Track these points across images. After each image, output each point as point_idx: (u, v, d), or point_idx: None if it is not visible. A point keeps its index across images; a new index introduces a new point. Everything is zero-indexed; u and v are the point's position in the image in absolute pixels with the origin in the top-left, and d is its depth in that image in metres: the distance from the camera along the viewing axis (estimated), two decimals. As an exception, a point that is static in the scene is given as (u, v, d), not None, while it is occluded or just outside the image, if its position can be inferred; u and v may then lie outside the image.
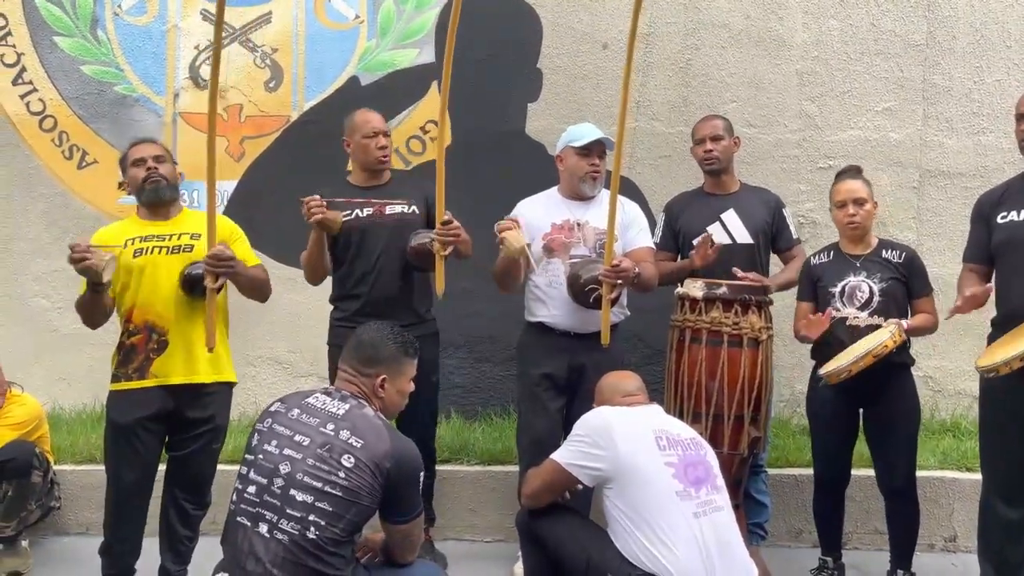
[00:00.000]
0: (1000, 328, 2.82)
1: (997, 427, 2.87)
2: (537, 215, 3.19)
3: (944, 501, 3.58)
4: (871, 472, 3.27)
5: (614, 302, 2.97)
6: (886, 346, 2.78)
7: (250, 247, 3.02)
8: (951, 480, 3.60)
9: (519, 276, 3.12)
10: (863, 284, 3.01)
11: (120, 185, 3.02)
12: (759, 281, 3.09)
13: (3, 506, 3.21)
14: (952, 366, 4.23)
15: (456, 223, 2.98)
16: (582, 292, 2.95)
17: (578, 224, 3.15)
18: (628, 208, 3.20)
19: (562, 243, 3.14)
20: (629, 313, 3.26)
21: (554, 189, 3.29)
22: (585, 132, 3.15)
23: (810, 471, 3.53)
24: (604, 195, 3.18)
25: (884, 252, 3.07)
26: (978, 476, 3.27)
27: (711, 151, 3.33)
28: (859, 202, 3.04)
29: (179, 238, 2.87)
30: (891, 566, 3.08)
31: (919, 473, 3.13)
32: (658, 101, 4.29)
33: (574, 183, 3.17)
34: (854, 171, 3.17)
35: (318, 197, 3.01)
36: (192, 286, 2.80)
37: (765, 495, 3.40)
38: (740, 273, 3.11)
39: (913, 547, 3.06)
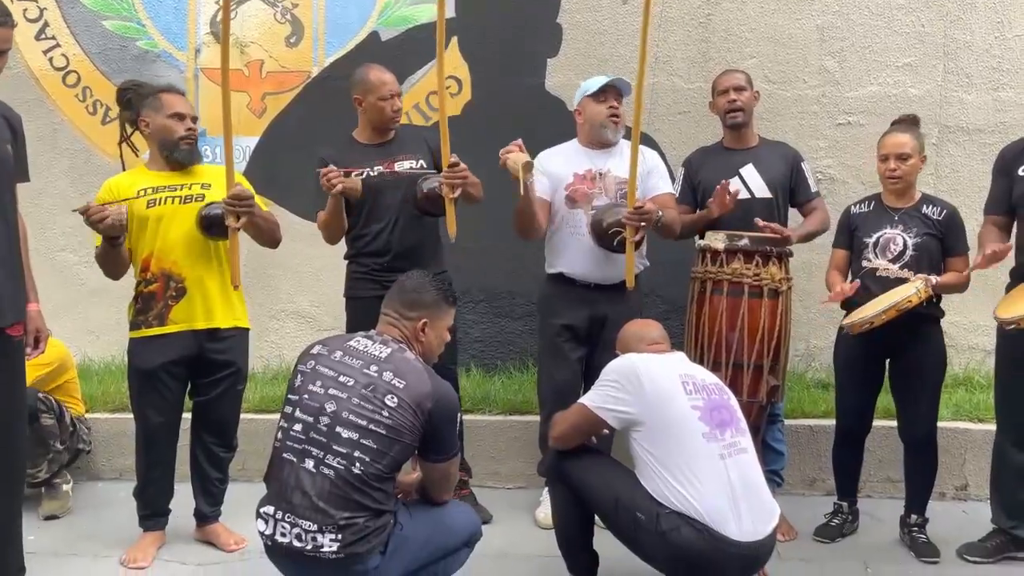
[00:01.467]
0: (1019, 279, 2.87)
1: (1014, 372, 2.94)
2: (558, 165, 3.23)
3: (956, 451, 3.65)
4: (887, 422, 3.35)
5: (637, 245, 3.02)
6: (910, 301, 2.82)
7: (259, 198, 3.06)
8: (963, 431, 3.68)
9: (536, 218, 3.13)
10: (898, 237, 3.04)
11: (129, 122, 2.98)
12: (780, 232, 3.12)
13: (23, 453, 3.28)
14: (966, 321, 4.28)
15: (463, 165, 3.00)
16: (606, 235, 3.01)
17: (600, 174, 3.19)
18: (648, 156, 3.25)
19: (584, 194, 3.18)
20: (649, 263, 3.31)
21: (574, 141, 3.33)
22: (598, 80, 3.21)
23: (825, 422, 3.63)
24: (623, 145, 3.23)
25: (924, 207, 3.08)
26: (989, 427, 3.35)
27: (735, 101, 3.34)
28: (902, 157, 3.03)
29: (190, 188, 2.94)
30: (905, 511, 3.17)
31: (932, 424, 3.20)
32: (677, 56, 4.28)
33: (595, 131, 3.21)
34: (908, 122, 3.15)
35: (335, 168, 3.02)
36: (210, 226, 2.86)
37: (782, 443, 3.48)
38: (761, 223, 3.14)
39: (929, 495, 3.14)
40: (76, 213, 2.73)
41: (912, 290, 2.84)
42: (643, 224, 2.97)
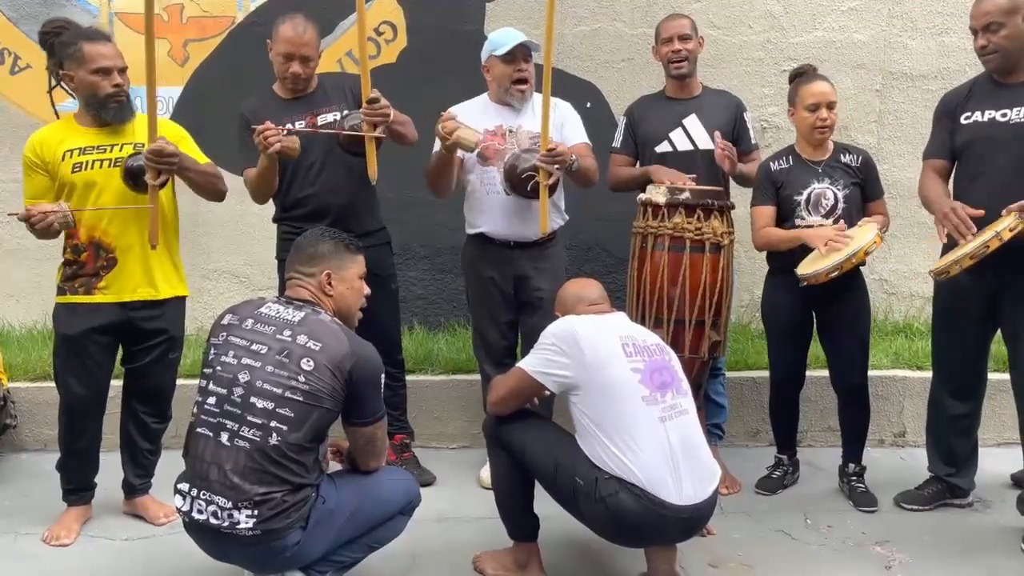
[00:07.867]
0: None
1: (949, 324, 2.95)
2: (469, 122, 3.10)
3: (895, 398, 3.70)
4: (825, 373, 3.35)
5: (552, 190, 2.96)
6: (875, 242, 2.80)
7: (197, 147, 2.88)
8: (902, 378, 3.72)
9: (452, 176, 3.08)
10: (828, 191, 3.00)
11: (53, 75, 2.72)
12: (727, 149, 3.11)
13: (-45, 425, 3.15)
14: (906, 269, 4.31)
15: (384, 100, 2.86)
16: (519, 181, 2.94)
17: (510, 130, 3.12)
18: (561, 107, 3.17)
19: (496, 150, 3.10)
20: (568, 218, 3.24)
21: (484, 96, 3.23)
22: (506, 39, 3.07)
23: (767, 374, 3.62)
24: (536, 99, 3.14)
25: (842, 157, 3.06)
26: (927, 374, 3.38)
27: (679, 51, 3.25)
28: (831, 106, 2.99)
29: (121, 149, 2.71)
30: (843, 460, 3.20)
31: (871, 372, 3.21)
32: (621, 1, 4.15)
33: (502, 93, 3.13)
34: (814, 71, 3.12)
35: (271, 124, 2.84)
36: (135, 178, 2.65)
37: (723, 396, 3.47)
38: (718, 137, 3.15)
39: (864, 443, 3.17)
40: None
41: (870, 235, 2.80)
42: (556, 167, 2.89)
